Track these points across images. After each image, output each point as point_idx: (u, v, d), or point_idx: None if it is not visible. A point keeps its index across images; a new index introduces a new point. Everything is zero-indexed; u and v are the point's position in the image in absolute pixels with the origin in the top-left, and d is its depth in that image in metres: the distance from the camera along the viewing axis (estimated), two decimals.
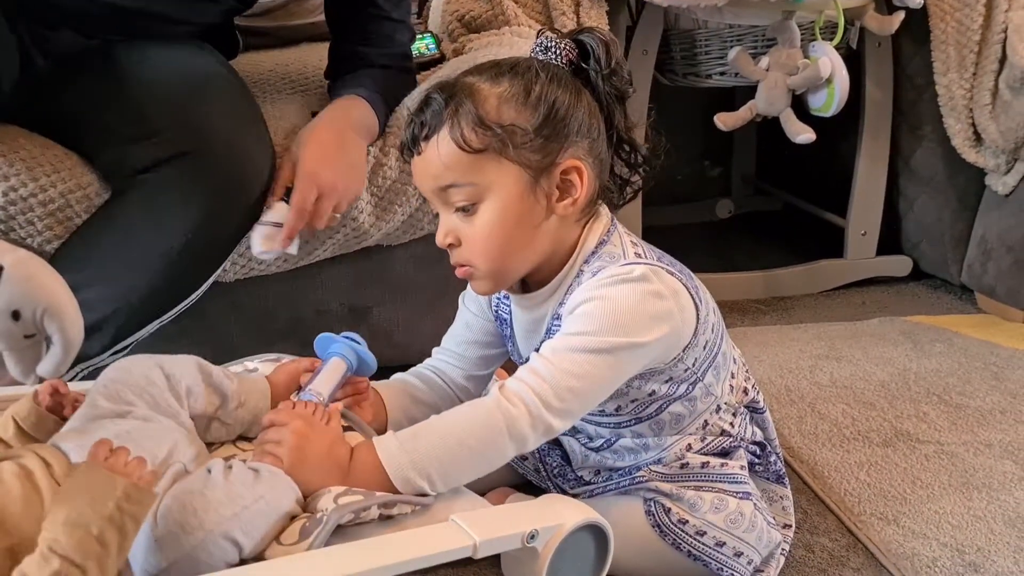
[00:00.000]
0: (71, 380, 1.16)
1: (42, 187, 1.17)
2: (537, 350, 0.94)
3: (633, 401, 0.99)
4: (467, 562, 0.81)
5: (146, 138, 1.15)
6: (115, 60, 1.23)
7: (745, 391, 1.05)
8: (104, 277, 1.13)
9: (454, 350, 1.12)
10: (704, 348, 0.98)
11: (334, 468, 0.85)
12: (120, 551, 0.65)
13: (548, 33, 0.97)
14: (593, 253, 0.97)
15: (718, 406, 1.02)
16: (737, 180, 2.43)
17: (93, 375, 1.16)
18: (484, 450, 0.88)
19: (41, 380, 0.83)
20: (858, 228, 1.95)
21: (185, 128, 1.15)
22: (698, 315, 0.96)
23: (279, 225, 1.19)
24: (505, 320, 1.06)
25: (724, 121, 1.74)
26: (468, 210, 0.93)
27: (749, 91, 1.74)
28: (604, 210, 1.00)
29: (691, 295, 0.96)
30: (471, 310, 1.10)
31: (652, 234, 1.90)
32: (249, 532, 0.73)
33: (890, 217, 1.98)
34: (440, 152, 0.92)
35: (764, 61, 1.70)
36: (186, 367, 0.89)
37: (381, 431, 0.97)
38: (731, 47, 1.70)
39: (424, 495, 0.85)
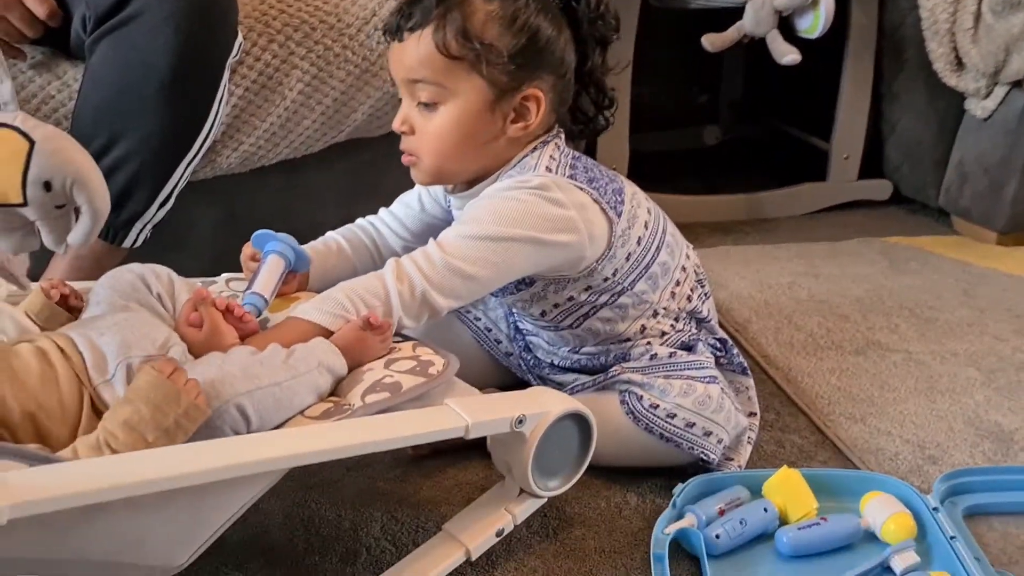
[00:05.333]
0: (135, 245, 1.22)
1: None
2: None
3: (556, 306, 1.07)
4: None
5: None
6: None
7: (689, 298, 1.10)
8: (119, 134, 1.16)
9: (402, 219, 1.17)
10: (628, 260, 1.04)
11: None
12: None
13: None
14: (514, 166, 1.03)
15: (655, 311, 1.08)
16: (724, 106, 2.46)
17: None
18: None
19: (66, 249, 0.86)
20: (841, 152, 1.99)
21: None
22: (612, 230, 1.02)
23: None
24: (454, 218, 1.12)
25: (712, 42, 1.77)
26: (430, 107, 1.00)
27: (736, 16, 1.76)
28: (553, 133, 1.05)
29: (603, 210, 1.01)
30: (430, 192, 1.15)
31: (640, 160, 1.96)
32: (259, 411, 0.77)
33: (873, 141, 2.02)
34: (419, 48, 0.98)
35: None
36: (160, 275, 0.94)
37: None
38: None
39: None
